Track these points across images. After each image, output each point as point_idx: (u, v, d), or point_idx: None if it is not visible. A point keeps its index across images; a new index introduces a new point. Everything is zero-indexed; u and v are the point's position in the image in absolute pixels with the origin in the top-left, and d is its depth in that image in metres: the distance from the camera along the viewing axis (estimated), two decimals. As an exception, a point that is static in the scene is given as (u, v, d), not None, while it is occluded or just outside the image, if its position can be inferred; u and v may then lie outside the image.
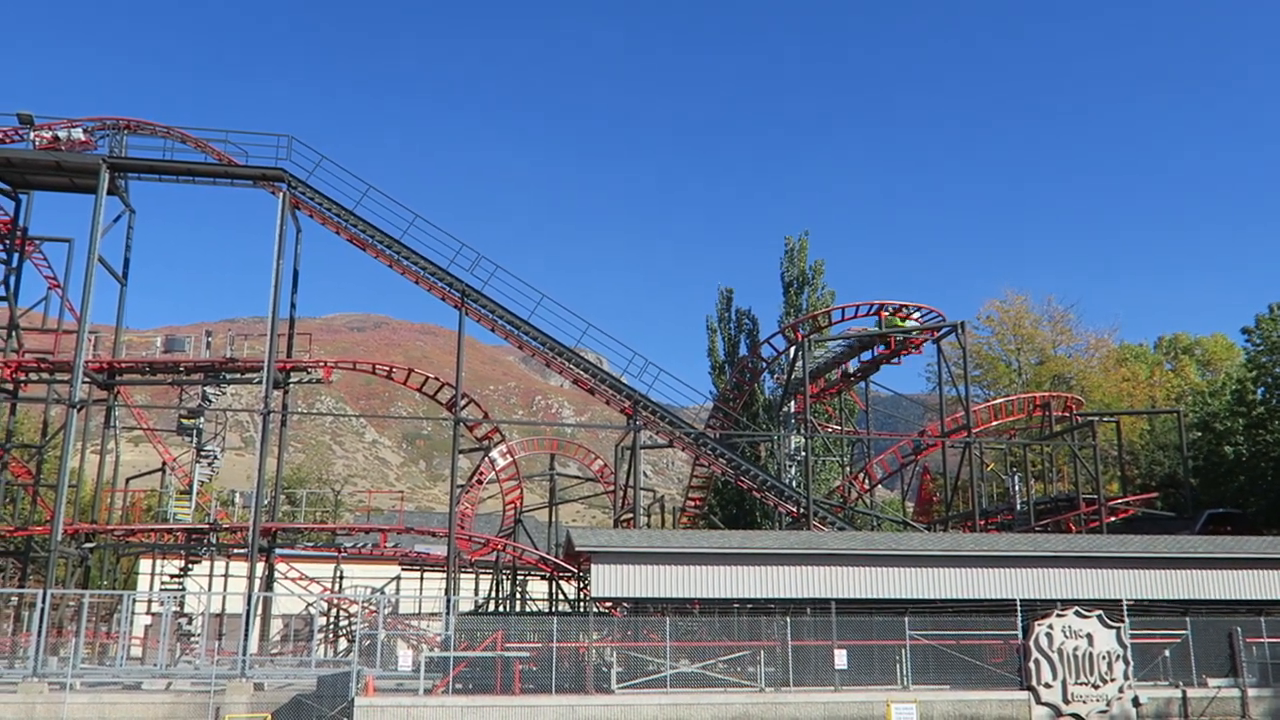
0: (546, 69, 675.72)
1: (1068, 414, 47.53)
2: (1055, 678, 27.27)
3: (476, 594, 49.60)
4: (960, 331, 41.96)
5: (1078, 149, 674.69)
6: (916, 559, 28.86)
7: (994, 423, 47.52)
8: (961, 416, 42.92)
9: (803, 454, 41.59)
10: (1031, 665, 27.32)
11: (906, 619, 27.58)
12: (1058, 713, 27.02)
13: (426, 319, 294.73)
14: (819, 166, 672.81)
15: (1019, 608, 28.11)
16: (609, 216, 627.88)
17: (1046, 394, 49.39)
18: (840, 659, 27.07)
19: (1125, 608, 28.26)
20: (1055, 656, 27.37)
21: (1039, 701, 27.06)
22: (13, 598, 41.14)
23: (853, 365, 47.05)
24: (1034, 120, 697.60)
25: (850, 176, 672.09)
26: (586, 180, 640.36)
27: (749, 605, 30.33)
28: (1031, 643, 27.46)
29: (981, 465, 45.04)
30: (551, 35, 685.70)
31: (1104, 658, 27.44)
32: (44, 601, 30.06)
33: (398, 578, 51.60)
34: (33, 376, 39.81)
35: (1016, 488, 44.88)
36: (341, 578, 48.79)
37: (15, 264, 39.64)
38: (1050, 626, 27.62)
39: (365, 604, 41.53)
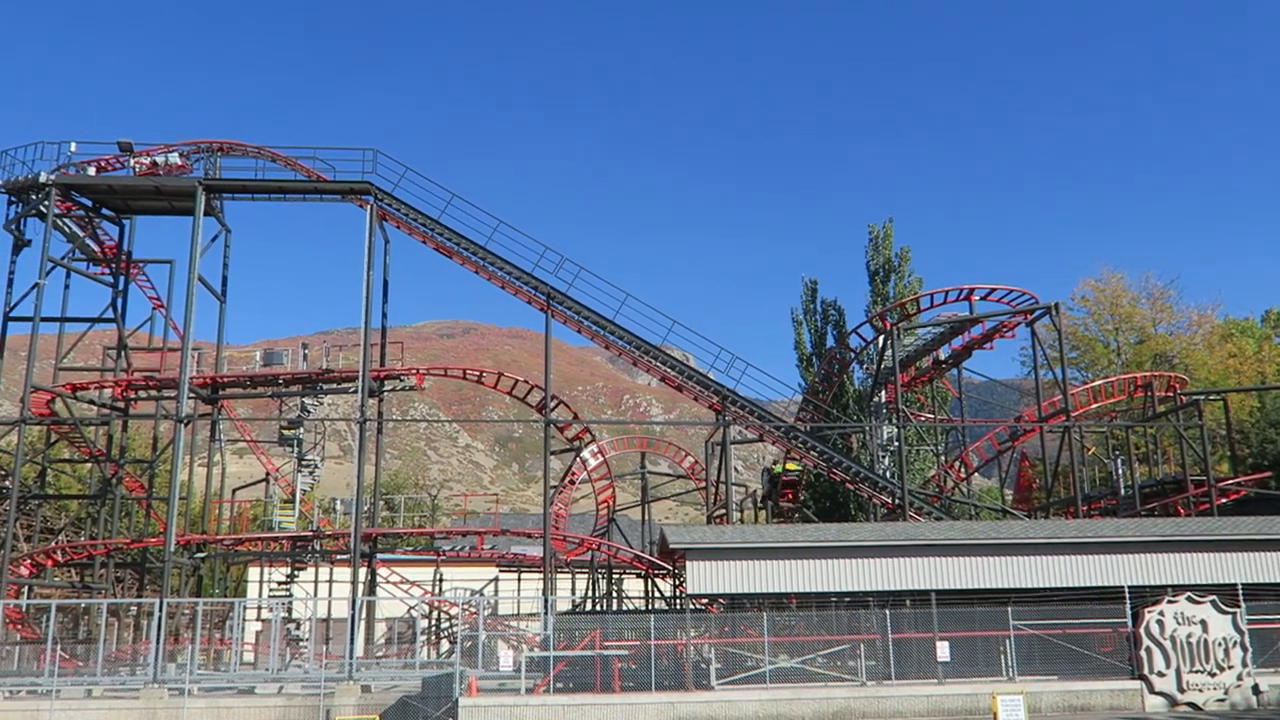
0: (622, 69, 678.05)
1: (1171, 394, 45.95)
2: (1169, 666, 26.43)
3: (573, 593, 50.03)
4: (1054, 313, 40.87)
5: (1170, 122, 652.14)
6: (1018, 547, 28.25)
7: (1093, 405, 46.17)
8: (1059, 400, 41.82)
9: (896, 444, 41.00)
10: (1143, 654, 26.53)
11: (1010, 609, 27.02)
12: (1173, 702, 26.19)
13: (514, 323, 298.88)
14: (900, 153, 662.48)
15: (1127, 595, 27.33)
16: (689, 213, 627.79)
17: (1148, 374, 47.77)
18: (943, 651, 26.65)
19: (1240, 592, 27.24)
20: (1168, 644, 26.52)
21: (1152, 691, 26.26)
22: (132, 607, 42.83)
23: (944, 352, 46.16)
24: (1122, 94, 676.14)
25: (933, 161, 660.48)
26: (667, 179, 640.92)
27: (846, 598, 30.04)
28: (1142, 630, 26.66)
29: (1082, 450, 43.81)
30: (629, 33, 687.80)
31: (1220, 644, 26.50)
32: (160, 610, 31.26)
33: (495, 579, 52.34)
34: (142, 394, 41.34)
35: (1120, 472, 43.57)
36: (441, 580, 49.67)
37: (121, 286, 41.21)
38: (1161, 613, 26.78)
39: (465, 606, 42.23)
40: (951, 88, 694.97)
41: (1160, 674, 26.39)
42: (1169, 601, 26.95)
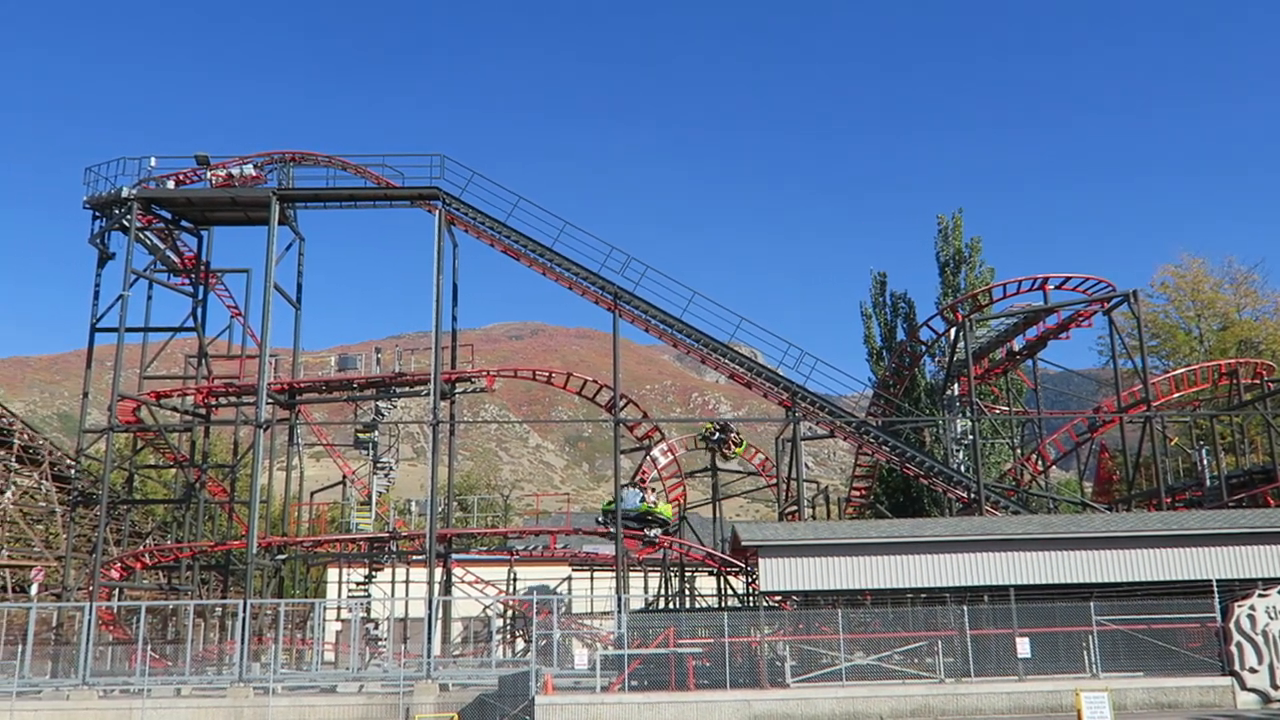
0: (676, 61, 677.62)
1: (1258, 381, 44.54)
2: (1261, 662, 25.66)
3: (646, 592, 50.12)
4: (1133, 300, 39.89)
5: (1245, 109, 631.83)
6: (1099, 541, 27.66)
7: (1175, 394, 44.92)
8: (1139, 390, 40.80)
9: (970, 437, 40.36)
10: (1233, 649, 25.80)
11: (1092, 604, 26.44)
12: (1266, 699, 25.41)
13: (581, 323, 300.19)
14: (966, 141, 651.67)
15: (1215, 589, 26.58)
16: (754, 210, 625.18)
17: (1233, 361, 46.36)
18: (1023, 647, 26.21)
19: (1337, 585, 26.34)
20: (1260, 639, 25.75)
21: (1244, 687, 25.53)
22: (216, 608, 43.95)
23: (1018, 343, 45.34)
24: (1191, 85, 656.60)
25: (1000, 149, 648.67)
26: (728, 175, 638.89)
27: (923, 595, 29.67)
28: (1232, 625, 25.93)
29: (1164, 440, 42.67)
30: (687, 28, 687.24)
31: (1315, 639, 25.64)
32: (245, 611, 32.04)
33: (569, 578, 52.63)
34: (222, 401, 42.38)
35: (1205, 462, 42.35)
36: (515, 580, 50.11)
37: (201, 296, 42.29)
38: (1252, 607, 26.01)
39: (539, 605, 42.50)
40: (1018, 79, 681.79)
41: (1252, 670, 25.63)
42: (1260, 595, 26.16)
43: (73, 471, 46.52)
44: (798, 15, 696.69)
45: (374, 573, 41.07)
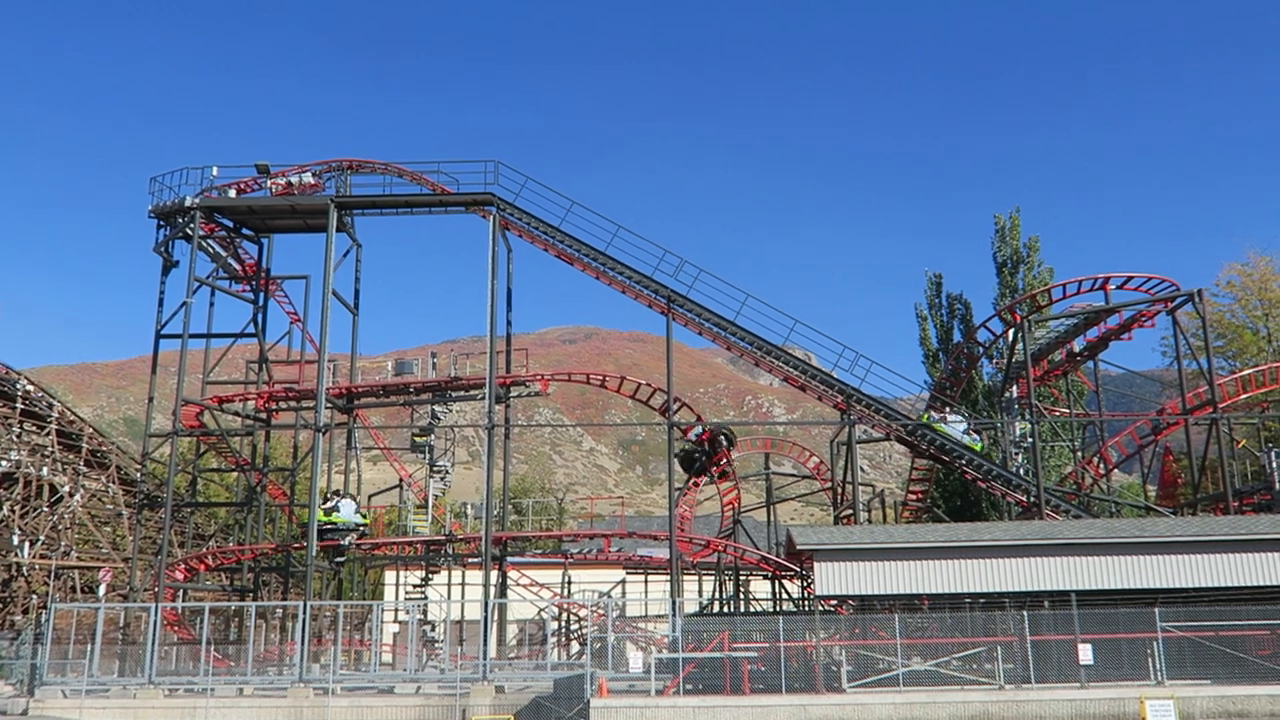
0: (730, 62, 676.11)
1: (1330, 381, 43.26)
2: (1335, 671, 24.93)
3: (700, 595, 50.02)
4: (1198, 300, 39.01)
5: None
6: (1164, 546, 27.06)
7: (1242, 396, 43.80)
8: (1205, 391, 39.87)
9: (1030, 440, 39.74)
10: (1305, 657, 25.08)
11: (1157, 610, 25.90)
12: (1340, 709, 24.68)
13: (634, 327, 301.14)
14: (1023, 140, 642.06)
15: (1286, 595, 25.88)
16: (808, 210, 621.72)
17: (1302, 361, 45.19)
18: (1085, 654, 25.74)
19: None
20: (1333, 648, 25.02)
21: (1317, 697, 24.79)
22: (277, 610, 44.68)
23: (1078, 344, 44.56)
24: (1255, 73, 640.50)
25: (1059, 148, 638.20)
26: (781, 176, 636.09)
27: (981, 600, 29.28)
28: (1303, 633, 25.21)
29: (1231, 442, 41.65)
30: (741, 28, 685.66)
31: (1392, 648, 24.86)
32: (304, 612, 32.53)
33: (623, 581, 52.73)
34: (282, 405, 43.08)
35: (1274, 465, 41.22)
36: (570, 583, 50.31)
37: (261, 303, 43.05)
38: (1325, 615, 25.27)
39: (594, 608, 42.65)
40: (1077, 77, 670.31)
41: (1325, 679, 24.92)
42: (1333, 602, 25.43)
43: (138, 475, 47.58)
44: (852, 15, 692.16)
45: (430, 575, 41.48)
